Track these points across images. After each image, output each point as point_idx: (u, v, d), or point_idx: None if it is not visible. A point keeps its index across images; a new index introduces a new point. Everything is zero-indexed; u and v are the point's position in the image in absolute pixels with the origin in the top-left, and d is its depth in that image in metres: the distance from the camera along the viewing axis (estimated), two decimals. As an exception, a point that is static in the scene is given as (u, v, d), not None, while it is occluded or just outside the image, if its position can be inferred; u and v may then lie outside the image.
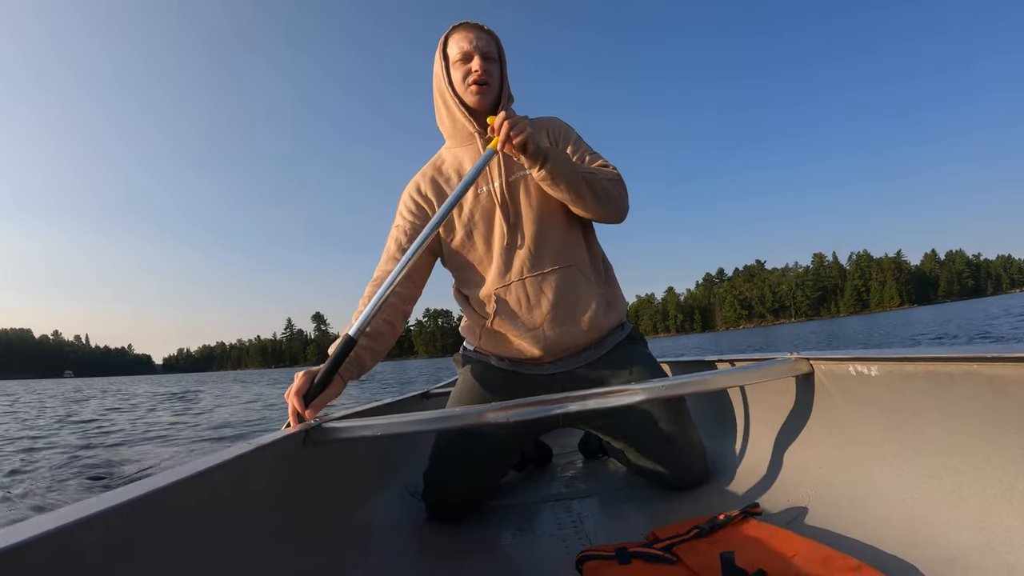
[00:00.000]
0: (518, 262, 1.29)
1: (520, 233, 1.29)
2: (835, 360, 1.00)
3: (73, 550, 0.46)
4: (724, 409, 1.45)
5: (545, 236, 1.30)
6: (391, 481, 1.41)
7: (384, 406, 1.58)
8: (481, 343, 1.35)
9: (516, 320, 1.29)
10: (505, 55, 1.34)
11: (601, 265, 1.41)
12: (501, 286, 1.29)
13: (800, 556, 0.72)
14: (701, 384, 1.06)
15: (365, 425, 1.04)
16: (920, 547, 0.70)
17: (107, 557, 0.50)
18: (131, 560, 0.53)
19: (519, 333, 1.29)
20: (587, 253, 1.36)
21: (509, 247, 1.29)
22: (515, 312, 1.28)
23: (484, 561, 1.05)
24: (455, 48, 1.28)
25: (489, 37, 1.30)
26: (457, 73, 1.29)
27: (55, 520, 0.46)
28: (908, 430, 0.82)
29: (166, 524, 0.59)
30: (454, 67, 1.29)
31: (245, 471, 0.78)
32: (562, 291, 1.28)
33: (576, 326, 1.29)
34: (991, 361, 0.68)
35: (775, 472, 1.11)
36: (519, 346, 1.29)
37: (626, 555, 0.83)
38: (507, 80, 1.34)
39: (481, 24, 1.32)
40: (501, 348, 1.32)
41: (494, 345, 1.33)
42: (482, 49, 1.27)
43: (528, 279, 1.28)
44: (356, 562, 0.96)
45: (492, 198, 1.30)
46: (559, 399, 1.05)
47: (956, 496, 0.71)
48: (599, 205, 1.26)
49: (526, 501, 1.39)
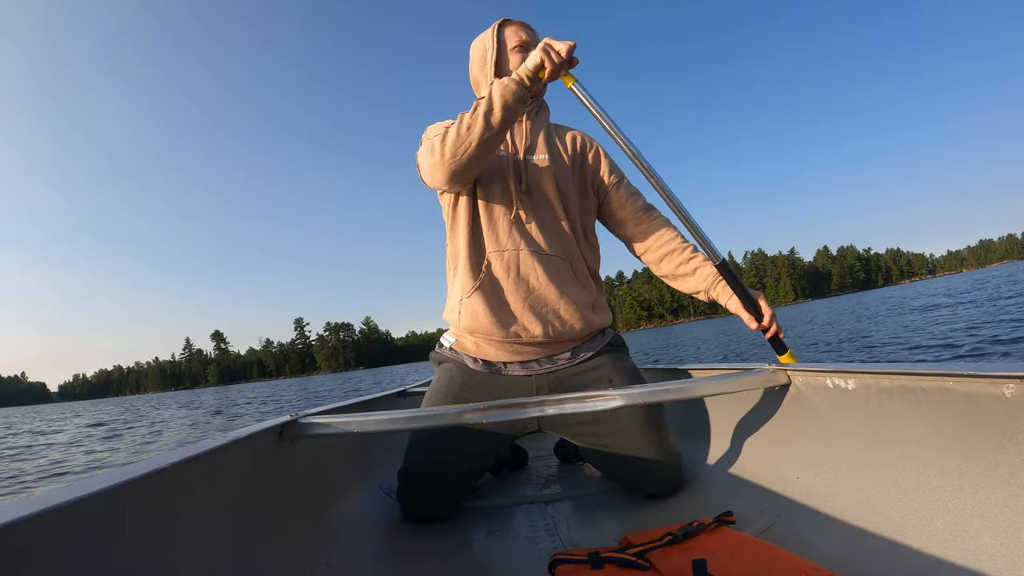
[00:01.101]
0: (518, 234, 1.31)
1: (528, 209, 1.33)
2: (813, 372, 1.01)
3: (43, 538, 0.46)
4: (701, 417, 1.45)
5: (549, 222, 1.35)
6: (366, 479, 1.39)
7: (360, 403, 1.56)
8: (462, 318, 1.32)
9: (501, 293, 1.29)
10: None
11: (593, 274, 1.42)
12: (495, 250, 1.31)
13: (773, 566, 0.72)
14: (679, 392, 1.07)
15: (341, 422, 1.03)
16: (895, 559, 0.71)
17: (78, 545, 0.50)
18: (103, 549, 0.53)
19: (501, 307, 1.28)
20: (584, 253, 1.40)
21: (516, 219, 1.32)
22: (502, 282, 1.29)
23: (457, 562, 1.04)
24: (514, 37, 1.40)
25: (537, 39, 1.42)
26: (515, 59, 1.39)
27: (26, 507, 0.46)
28: (884, 443, 0.83)
29: (138, 515, 0.59)
30: (511, 52, 1.39)
31: (220, 464, 0.78)
32: (551, 276, 1.30)
33: (556, 315, 1.29)
34: (966, 377, 0.70)
35: (750, 481, 1.11)
36: (500, 320, 1.27)
37: (599, 560, 0.82)
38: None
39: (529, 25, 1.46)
40: (480, 324, 1.28)
41: (473, 319, 1.29)
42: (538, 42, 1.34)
43: (523, 252, 1.30)
44: (328, 559, 0.94)
45: (508, 164, 1.35)
46: (536, 402, 1.04)
47: (930, 509, 0.72)
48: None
49: (501, 503, 1.38)
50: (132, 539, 0.57)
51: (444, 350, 1.41)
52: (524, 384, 1.31)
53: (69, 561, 0.48)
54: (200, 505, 0.72)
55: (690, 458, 1.36)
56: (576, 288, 1.33)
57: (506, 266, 1.29)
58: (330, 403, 1.40)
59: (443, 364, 1.39)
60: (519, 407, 1.04)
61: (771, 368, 1.10)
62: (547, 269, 1.30)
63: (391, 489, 1.37)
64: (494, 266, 1.30)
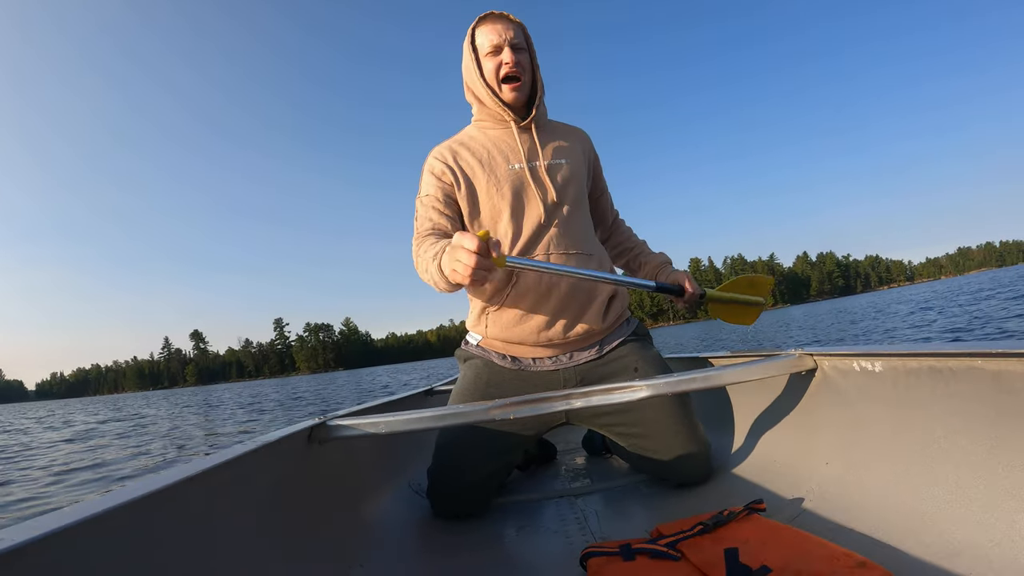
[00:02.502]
0: (546, 240, 1.31)
1: (552, 215, 1.32)
2: (839, 356, 1.00)
3: (77, 549, 0.47)
4: (728, 405, 1.45)
5: (572, 222, 1.35)
6: (395, 478, 1.41)
7: (387, 403, 1.58)
8: (488, 329, 1.33)
9: (530, 297, 1.29)
10: (533, 43, 1.36)
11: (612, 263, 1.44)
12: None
13: (804, 552, 0.72)
14: (705, 380, 1.06)
15: (369, 423, 1.04)
16: (925, 543, 0.71)
17: (112, 555, 0.50)
18: (136, 558, 0.53)
19: (531, 311, 1.29)
20: (603, 248, 1.41)
21: (541, 225, 1.31)
22: (533, 288, 1.28)
23: (488, 558, 1.05)
24: (484, 41, 1.32)
25: (517, 27, 1.33)
26: (489, 64, 1.32)
27: (59, 520, 0.47)
28: (912, 425, 0.82)
29: (171, 522, 0.60)
30: (485, 59, 1.33)
31: (250, 468, 0.79)
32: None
33: (586, 312, 1.29)
34: (995, 357, 0.68)
35: (779, 468, 1.11)
36: (528, 328, 1.28)
37: (630, 552, 0.83)
38: (538, 69, 1.38)
39: (507, 14, 1.34)
40: (508, 333, 1.30)
41: (501, 330, 1.30)
42: (511, 41, 1.30)
43: (553, 255, 1.30)
44: (360, 559, 0.95)
45: (526, 174, 1.33)
46: (563, 395, 1.05)
47: (960, 491, 0.71)
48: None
49: (530, 498, 1.39)
50: (165, 547, 0.58)
51: (471, 347, 1.41)
52: (551, 378, 1.31)
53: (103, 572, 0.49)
54: (232, 510, 0.73)
55: (718, 446, 1.36)
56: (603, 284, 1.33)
57: (537, 274, 1.27)
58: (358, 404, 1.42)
59: (469, 361, 1.40)
60: (546, 401, 1.04)
61: (797, 353, 1.10)
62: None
63: (421, 488, 1.38)
64: (523, 275, 1.28)
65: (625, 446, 1.32)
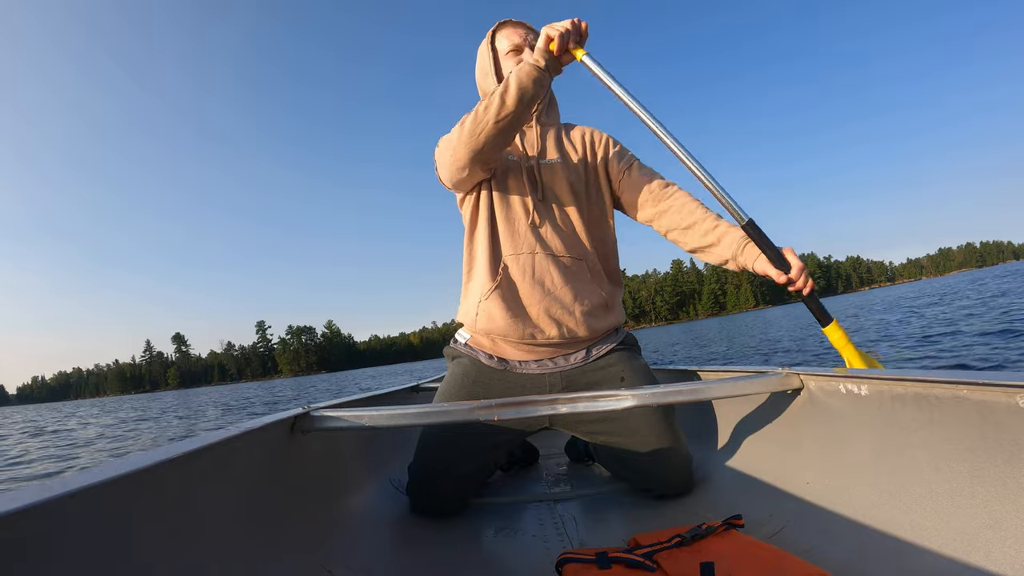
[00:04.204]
0: (535, 238, 1.33)
1: (543, 213, 1.34)
2: (826, 376, 1.00)
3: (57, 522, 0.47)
4: (712, 419, 1.45)
5: (564, 225, 1.36)
6: (376, 473, 1.40)
7: (373, 397, 1.57)
8: (479, 320, 1.33)
9: (517, 294, 1.30)
10: None
11: (609, 272, 1.42)
12: (512, 254, 1.32)
13: (780, 570, 0.72)
14: (691, 393, 1.06)
15: (353, 415, 1.04)
16: (903, 568, 0.70)
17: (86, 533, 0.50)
18: (115, 534, 0.54)
19: (517, 309, 1.29)
20: (599, 253, 1.40)
21: (532, 223, 1.33)
22: (518, 285, 1.30)
23: (464, 558, 1.04)
24: (505, 42, 1.39)
25: (535, 34, 1.39)
26: (509, 64, 1.38)
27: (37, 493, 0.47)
28: (895, 450, 0.82)
29: (150, 503, 0.59)
30: (505, 59, 1.39)
31: (231, 454, 0.79)
32: (567, 278, 1.31)
33: (571, 317, 1.29)
34: (980, 386, 0.68)
35: (760, 485, 1.11)
36: (513, 325, 1.28)
37: (606, 560, 0.82)
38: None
39: (527, 23, 1.41)
40: (496, 326, 1.29)
41: (490, 321, 1.30)
42: (531, 43, 1.37)
43: (539, 255, 1.31)
44: (336, 551, 0.95)
45: (521, 170, 1.36)
46: (549, 400, 1.05)
47: (941, 518, 0.71)
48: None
49: (510, 500, 1.38)
50: (142, 528, 0.58)
51: (459, 345, 1.42)
52: (537, 381, 1.31)
53: (77, 548, 0.49)
54: (211, 495, 0.72)
55: (700, 459, 1.35)
56: (591, 289, 1.34)
57: (522, 269, 1.30)
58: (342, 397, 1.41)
59: (457, 359, 1.40)
60: (531, 404, 1.04)
61: (784, 372, 1.10)
62: (562, 271, 1.31)
63: (401, 484, 1.38)
64: (511, 269, 1.31)
65: (607, 454, 1.31)
